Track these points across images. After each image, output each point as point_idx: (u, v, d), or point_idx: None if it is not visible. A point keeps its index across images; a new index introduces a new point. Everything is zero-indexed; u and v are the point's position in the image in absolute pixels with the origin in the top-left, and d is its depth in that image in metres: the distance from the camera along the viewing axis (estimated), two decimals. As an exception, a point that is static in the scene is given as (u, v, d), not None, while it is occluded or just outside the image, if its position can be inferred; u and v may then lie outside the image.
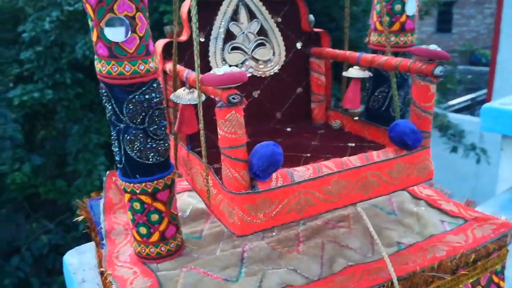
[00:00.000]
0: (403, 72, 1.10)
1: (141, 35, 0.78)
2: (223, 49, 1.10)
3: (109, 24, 0.75)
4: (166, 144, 0.87)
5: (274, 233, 1.04)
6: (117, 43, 0.77)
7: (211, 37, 1.08)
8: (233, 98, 0.70)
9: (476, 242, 0.98)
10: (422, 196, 1.20)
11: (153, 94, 0.83)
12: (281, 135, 1.15)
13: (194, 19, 0.75)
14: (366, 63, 1.02)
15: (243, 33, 1.12)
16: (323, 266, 0.93)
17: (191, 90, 0.88)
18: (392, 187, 0.88)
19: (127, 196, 0.89)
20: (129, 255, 0.96)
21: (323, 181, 0.80)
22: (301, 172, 0.79)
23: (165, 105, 0.89)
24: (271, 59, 1.17)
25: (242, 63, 1.13)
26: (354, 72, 1.07)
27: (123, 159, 0.85)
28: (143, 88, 0.81)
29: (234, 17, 1.10)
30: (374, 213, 1.12)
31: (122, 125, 0.82)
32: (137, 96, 0.81)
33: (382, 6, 1.00)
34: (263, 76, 1.17)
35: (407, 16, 1.08)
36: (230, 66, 1.11)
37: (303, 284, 0.87)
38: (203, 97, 0.80)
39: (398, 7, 1.07)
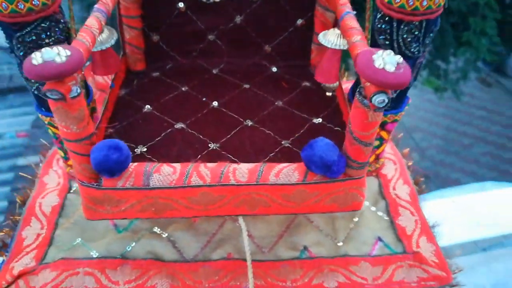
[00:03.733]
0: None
1: None
2: None
3: None
4: None
5: None
6: None
7: None
8: (51, 95, 0.59)
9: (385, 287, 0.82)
10: (389, 195, 0.98)
11: (43, 35, 0.76)
12: (255, 78, 0.97)
13: None
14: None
15: None
16: (203, 249, 0.87)
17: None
18: (289, 209, 0.73)
19: None
20: None
21: (186, 192, 0.69)
22: (163, 176, 0.69)
23: None
24: (260, -25, 0.93)
25: None
26: (331, 38, 0.79)
27: None
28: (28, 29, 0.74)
29: None
30: None
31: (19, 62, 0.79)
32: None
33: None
34: None
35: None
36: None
37: (169, 262, 0.85)
38: None
39: None
